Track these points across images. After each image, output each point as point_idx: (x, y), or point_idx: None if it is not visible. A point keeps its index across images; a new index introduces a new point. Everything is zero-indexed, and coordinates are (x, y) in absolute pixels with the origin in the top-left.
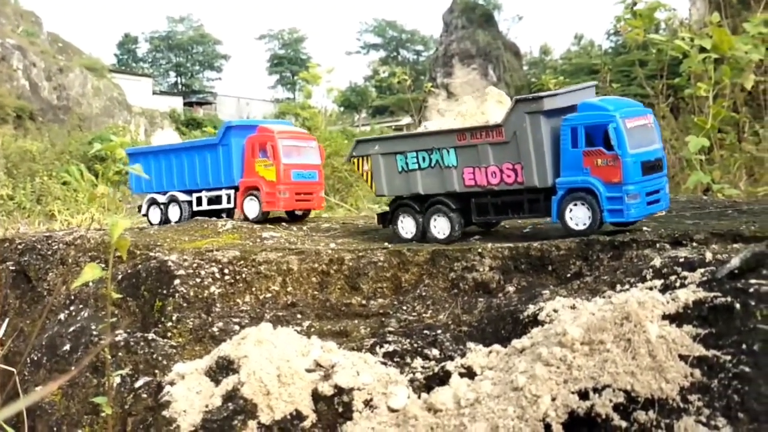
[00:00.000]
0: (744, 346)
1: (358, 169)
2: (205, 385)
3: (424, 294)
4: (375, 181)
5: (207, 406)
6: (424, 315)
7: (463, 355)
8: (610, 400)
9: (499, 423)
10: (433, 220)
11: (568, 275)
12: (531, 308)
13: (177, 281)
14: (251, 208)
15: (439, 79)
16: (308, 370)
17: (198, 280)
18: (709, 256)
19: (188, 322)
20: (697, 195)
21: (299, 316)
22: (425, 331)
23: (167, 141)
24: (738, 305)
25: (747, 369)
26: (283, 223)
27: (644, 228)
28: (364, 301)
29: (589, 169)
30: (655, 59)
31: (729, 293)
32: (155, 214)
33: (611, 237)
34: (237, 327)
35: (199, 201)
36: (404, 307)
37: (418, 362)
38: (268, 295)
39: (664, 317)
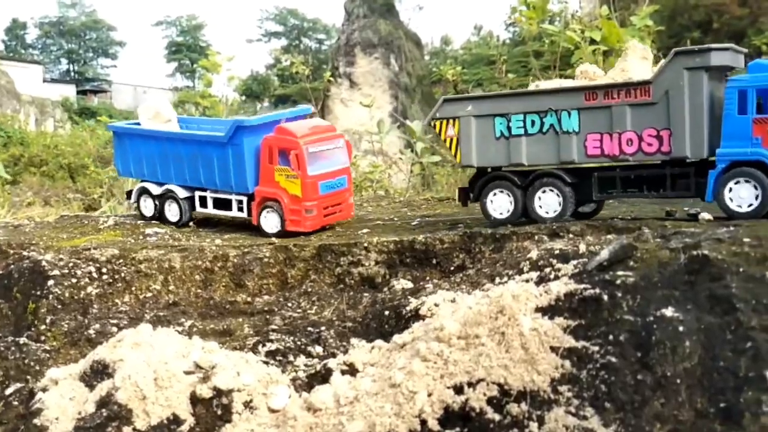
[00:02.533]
0: (611, 337)
1: (441, 133)
2: (79, 391)
3: (309, 290)
4: (462, 148)
5: (80, 413)
6: (309, 311)
7: (345, 352)
8: (484, 394)
9: (376, 421)
10: (539, 197)
11: (452, 268)
12: (413, 302)
13: (51, 282)
14: (270, 222)
15: (341, 68)
16: (187, 372)
17: (74, 280)
18: (582, 247)
19: (63, 324)
20: None
21: (181, 315)
22: (309, 328)
23: (158, 113)
24: (606, 297)
25: (614, 359)
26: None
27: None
28: (249, 299)
29: (761, 139)
30: (549, 50)
31: (598, 285)
32: (148, 206)
33: (492, 230)
34: (115, 329)
35: (203, 201)
36: (289, 304)
37: (301, 360)
38: (149, 294)
39: (537, 310)
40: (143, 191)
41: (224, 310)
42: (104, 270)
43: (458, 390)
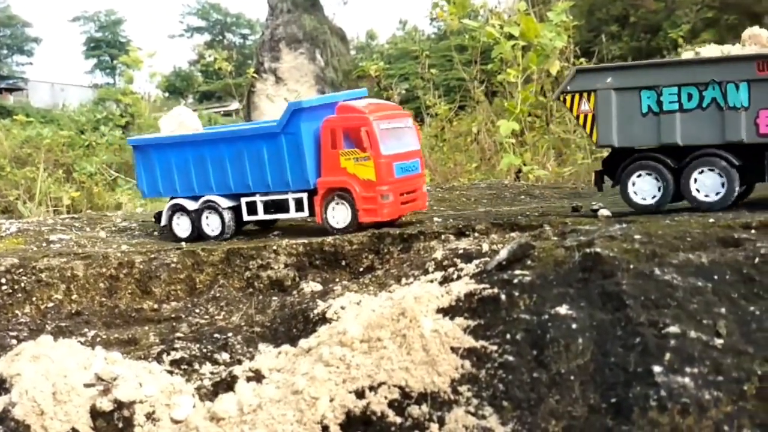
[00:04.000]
0: (508, 336)
1: (572, 109)
2: None
3: (218, 295)
4: (599, 125)
5: None
6: (216, 317)
7: (252, 358)
8: (386, 397)
9: (278, 429)
10: (694, 180)
11: (361, 269)
12: (321, 305)
13: None
14: (339, 216)
15: (266, 63)
16: (87, 385)
17: None
18: (486, 246)
19: None
20: (498, 180)
21: (84, 325)
22: (216, 335)
23: (182, 123)
24: (504, 296)
25: (511, 358)
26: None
27: (435, 218)
28: (156, 306)
29: None
30: (470, 45)
31: (496, 285)
32: (182, 226)
33: (401, 230)
34: (14, 341)
35: (251, 208)
36: (197, 310)
37: (207, 368)
38: (51, 304)
39: (439, 311)
40: (176, 209)
41: (130, 319)
42: (3, 280)
43: (360, 394)
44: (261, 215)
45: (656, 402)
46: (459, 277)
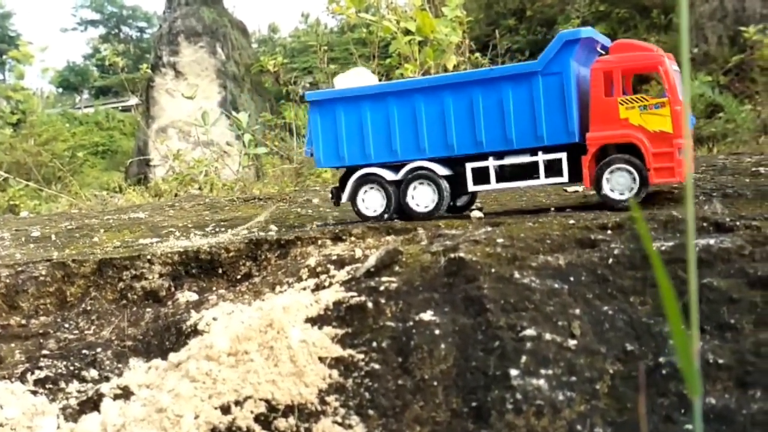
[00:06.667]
0: (374, 344)
1: None
2: None
3: (89, 308)
4: None
5: None
6: (87, 332)
7: (121, 375)
8: (252, 411)
9: None
10: None
11: (238, 277)
12: (194, 317)
13: None
14: (621, 180)
15: (165, 57)
16: None
17: None
18: (359, 252)
19: None
20: None
21: None
22: (84, 351)
23: (363, 82)
24: (370, 304)
25: (377, 366)
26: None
27: (315, 224)
28: (24, 321)
29: None
30: (368, 40)
31: (364, 292)
32: (374, 200)
33: (279, 235)
34: None
35: (479, 175)
36: (67, 325)
37: (74, 387)
38: None
39: (308, 320)
40: (365, 180)
41: None
42: None
43: (225, 410)
44: (493, 184)
45: (512, 405)
46: (330, 285)
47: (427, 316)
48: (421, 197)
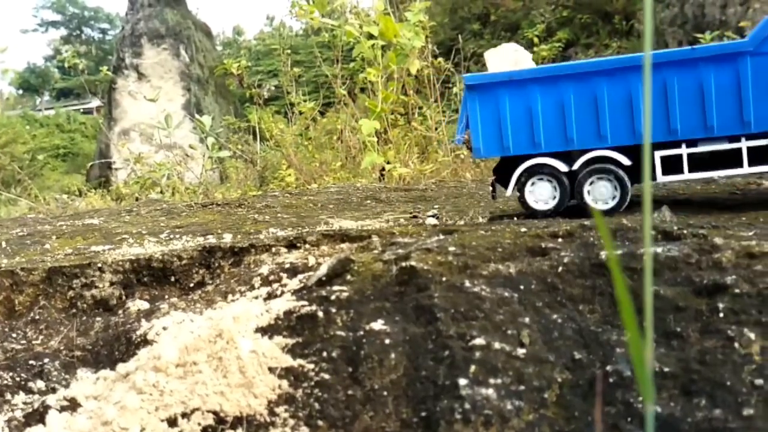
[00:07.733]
0: (325, 354)
1: None
2: None
3: (38, 317)
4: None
5: None
6: (34, 342)
7: (68, 386)
8: (199, 424)
9: None
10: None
11: (191, 285)
12: (144, 326)
13: None
14: None
15: (127, 59)
16: None
17: None
18: (312, 260)
19: None
20: (351, 183)
21: None
22: (31, 361)
23: (518, 62)
24: (321, 313)
25: (327, 376)
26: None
27: (271, 230)
28: None
29: None
30: (332, 44)
31: (315, 301)
32: (543, 193)
33: (233, 242)
34: None
35: (669, 164)
36: (14, 335)
37: (20, 398)
38: None
39: (258, 330)
40: (534, 171)
41: None
42: None
43: (172, 422)
44: (686, 173)
45: (461, 415)
46: (282, 294)
47: (378, 325)
48: (601, 190)
